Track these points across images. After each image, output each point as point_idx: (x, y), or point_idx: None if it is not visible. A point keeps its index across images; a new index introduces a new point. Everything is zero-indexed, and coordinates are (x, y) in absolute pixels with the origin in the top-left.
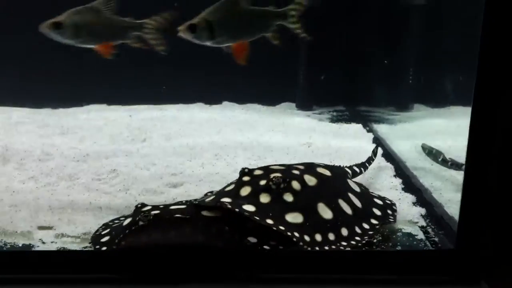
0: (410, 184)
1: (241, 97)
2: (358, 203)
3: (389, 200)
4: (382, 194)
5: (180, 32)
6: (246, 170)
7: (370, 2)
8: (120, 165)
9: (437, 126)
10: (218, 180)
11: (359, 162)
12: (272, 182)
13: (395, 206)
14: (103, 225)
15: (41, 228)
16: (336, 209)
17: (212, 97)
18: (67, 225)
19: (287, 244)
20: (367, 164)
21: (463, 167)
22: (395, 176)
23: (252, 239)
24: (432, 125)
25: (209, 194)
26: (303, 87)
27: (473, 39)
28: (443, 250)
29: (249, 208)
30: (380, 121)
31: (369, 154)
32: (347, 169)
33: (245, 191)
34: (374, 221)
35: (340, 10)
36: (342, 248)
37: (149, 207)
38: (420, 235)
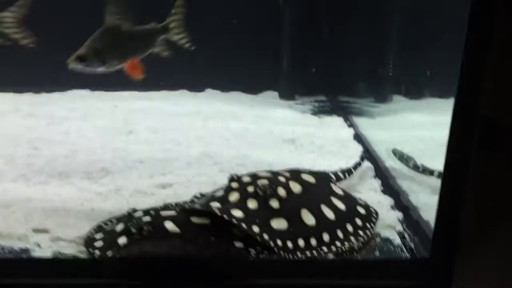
0: (389, 185)
1: (225, 84)
2: (341, 207)
3: (372, 208)
4: (363, 196)
5: (70, 64)
6: (235, 177)
7: None
8: (108, 163)
9: (415, 120)
10: (205, 181)
11: (344, 167)
12: (259, 189)
13: (376, 216)
14: (97, 227)
15: (36, 231)
16: (318, 215)
17: (195, 85)
18: (61, 228)
19: (271, 249)
20: (352, 170)
21: (434, 173)
22: (374, 176)
23: (238, 244)
24: (410, 119)
25: (198, 197)
26: (286, 77)
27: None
28: (418, 259)
29: (237, 213)
30: (360, 113)
31: (351, 151)
32: (331, 174)
33: (234, 197)
34: (355, 227)
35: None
36: (322, 253)
37: (140, 213)
38: (397, 240)
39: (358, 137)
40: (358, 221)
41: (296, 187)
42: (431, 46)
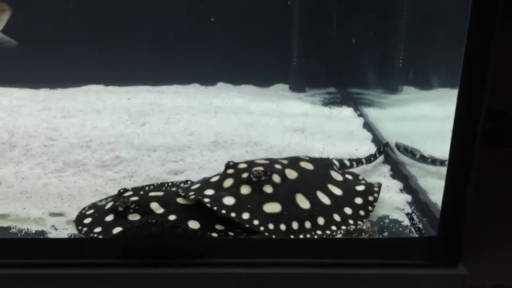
0: (398, 171)
1: (236, 78)
2: (338, 193)
3: (371, 193)
4: (372, 180)
5: None
6: (231, 163)
7: None
8: (123, 151)
9: (425, 110)
10: (217, 167)
11: (354, 157)
12: (253, 175)
13: (374, 203)
14: (91, 204)
15: (52, 214)
16: (313, 199)
17: (207, 78)
18: (77, 211)
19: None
20: (364, 160)
21: (445, 163)
22: (383, 163)
23: (220, 227)
24: (420, 108)
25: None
26: (296, 69)
27: (460, 22)
28: (426, 237)
29: (229, 201)
30: (370, 104)
31: (360, 140)
32: (335, 161)
33: (228, 183)
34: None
35: None
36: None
37: (130, 193)
38: (406, 222)
39: (368, 126)
40: (354, 208)
41: (292, 174)
42: (441, 35)
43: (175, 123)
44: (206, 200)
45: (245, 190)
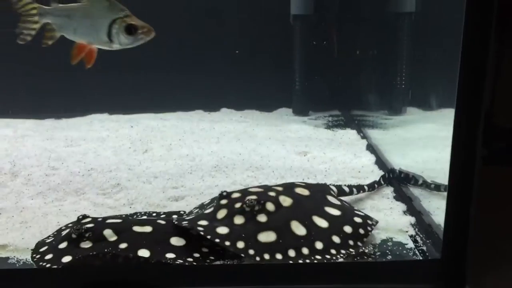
0: (401, 192)
1: (239, 103)
2: (336, 214)
3: (369, 219)
4: (375, 202)
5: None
6: (225, 193)
7: (362, 8)
8: (123, 179)
9: (429, 131)
10: (217, 193)
11: (355, 183)
12: (245, 205)
13: (370, 226)
14: (55, 231)
15: None
16: (309, 225)
17: (210, 104)
18: None
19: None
20: (366, 187)
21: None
22: (387, 184)
23: (171, 255)
24: (424, 129)
25: (193, 210)
26: (299, 93)
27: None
28: (430, 260)
29: (223, 230)
30: (373, 126)
31: (363, 161)
32: (332, 187)
33: (221, 214)
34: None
35: (333, 18)
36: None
37: (88, 219)
38: (410, 244)
39: (371, 148)
40: (354, 228)
41: (286, 201)
42: (443, 56)
43: (177, 150)
44: (200, 228)
45: (238, 220)
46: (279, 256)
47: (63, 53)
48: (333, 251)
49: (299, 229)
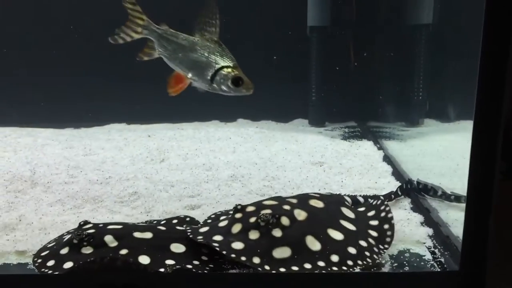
0: (418, 203)
1: (255, 114)
2: (351, 228)
3: (388, 225)
4: (392, 214)
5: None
6: (239, 207)
7: (379, 20)
8: (141, 187)
9: (446, 142)
10: (233, 202)
11: (371, 194)
12: (260, 219)
13: (390, 238)
14: (57, 237)
15: None
16: (324, 239)
17: (227, 115)
18: None
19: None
20: (381, 198)
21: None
22: (404, 196)
23: (170, 261)
24: (441, 141)
25: (206, 221)
26: (315, 104)
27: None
28: (448, 272)
29: (238, 246)
30: (390, 137)
31: (380, 172)
32: (347, 197)
33: (236, 228)
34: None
35: (350, 29)
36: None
37: (90, 225)
38: (427, 256)
39: (388, 159)
40: (370, 240)
41: (301, 215)
42: (461, 67)
43: (193, 159)
44: (215, 244)
45: (253, 235)
46: (295, 269)
47: (81, 63)
48: (350, 262)
49: (314, 244)
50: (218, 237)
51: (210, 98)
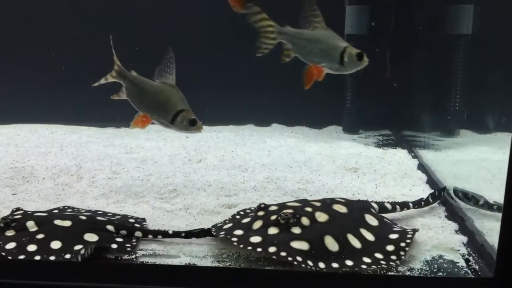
0: (453, 211)
1: (290, 119)
2: (370, 238)
3: (407, 235)
4: (426, 220)
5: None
6: (262, 205)
7: (417, 29)
8: (180, 185)
9: (483, 153)
10: (268, 202)
11: (403, 201)
12: (281, 217)
13: (407, 244)
14: None
15: None
16: (343, 242)
17: (262, 119)
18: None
19: None
20: (411, 204)
21: None
22: (438, 203)
23: (78, 246)
24: (477, 151)
25: (235, 216)
26: (350, 111)
27: None
28: (482, 278)
29: (256, 239)
30: (425, 146)
31: (414, 181)
32: (374, 204)
33: (257, 225)
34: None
35: (387, 38)
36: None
37: (21, 211)
38: (461, 263)
39: (422, 167)
40: (385, 254)
41: (322, 217)
42: (500, 77)
43: (229, 161)
44: (234, 239)
45: (272, 231)
46: (310, 263)
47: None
48: (363, 266)
49: (332, 244)
50: (238, 232)
51: (246, 103)
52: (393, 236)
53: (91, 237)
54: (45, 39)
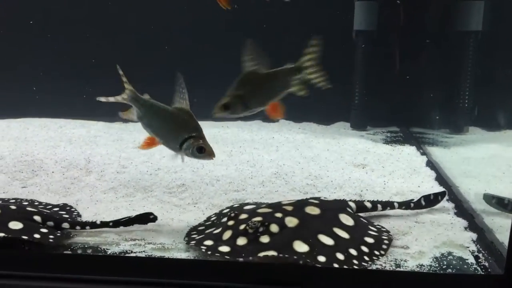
0: (462, 208)
1: (297, 115)
2: (344, 236)
3: (386, 234)
4: (434, 217)
5: (216, 114)
6: (233, 214)
7: (426, 25)
8: (188, 180)
9: (492, 150)
10: (277, 198)
11: (407, 199)
12: (249, 227)
13: (387, 241)
14: None
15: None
16: (313, 243)
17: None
18: (147, 233)
19: None
20: (396, 204)
21: None
22: (447, 200)
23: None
24: (487, 149)
25: (211, 217)
26: (358, 108)
27: None
28: (492, 275)
29: (224, 249)
30: (434, 143)
31: (422, 177)
32: (351, 203)
33: (227, 235)
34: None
35: (396, 34)
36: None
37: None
38: (471, 259)
39: (431, 164)
40: (364, 248)
41: (292, 222)
42: (509, 75)
43: (237, 156)
44: (203, 247)
45: (241, 241)
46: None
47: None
48: (336, 266)
49: (301, 247)
50: (208, 242)
51: None
52: (369, 239)
53: (15, 225)
54: (55, 34)
